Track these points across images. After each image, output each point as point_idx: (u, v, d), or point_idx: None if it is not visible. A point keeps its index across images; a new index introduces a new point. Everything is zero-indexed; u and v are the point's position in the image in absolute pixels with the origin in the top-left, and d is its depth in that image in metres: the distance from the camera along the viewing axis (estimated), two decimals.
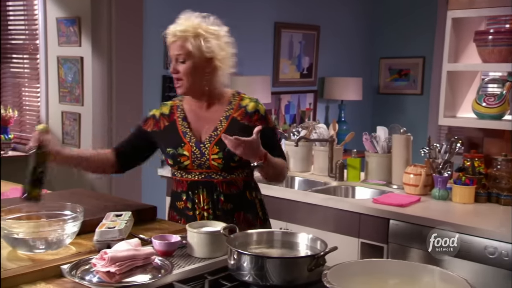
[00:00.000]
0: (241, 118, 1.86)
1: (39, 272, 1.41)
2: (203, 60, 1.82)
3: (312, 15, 4.93)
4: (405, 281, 1.24)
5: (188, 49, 1.80)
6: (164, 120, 1.93)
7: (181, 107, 1.93)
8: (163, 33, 1.90)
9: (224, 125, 1.85)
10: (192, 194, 1.86)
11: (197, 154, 1.84)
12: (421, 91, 5.19)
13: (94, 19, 3.59)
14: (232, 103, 1.89)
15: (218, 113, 1.88)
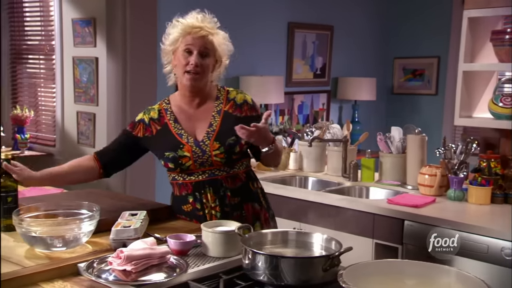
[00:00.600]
0: (232, 111, 1.89)
1: (57, 270, 1.43)
2: (215, 60, 1.87)
3: (326, 15, 4.91)
4: (422, 282, 1.23)
5: (214, 46, 1.84)
6: (155, 125, 1.90)
7: (169, 110, 1.92)
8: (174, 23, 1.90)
9: (218, 120, 1.86)
10: (199, 194, 1.86)
11: (198, 153, 1.83)
12: (435, 91, 5.15)
13: (109, 20, 3.62)
14: (220, 98, 1.91)
15: (209, 109, 1.89)
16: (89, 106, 3.81)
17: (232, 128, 1.76)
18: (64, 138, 4.04)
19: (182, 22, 1.87)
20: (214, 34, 1.85)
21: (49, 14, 4.08)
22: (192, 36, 1.83)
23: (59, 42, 3.95)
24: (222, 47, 1.88)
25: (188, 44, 1.82)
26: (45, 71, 4.21)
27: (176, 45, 1.86)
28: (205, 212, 1.85)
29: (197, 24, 1.84)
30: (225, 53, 1.90)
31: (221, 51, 1.87)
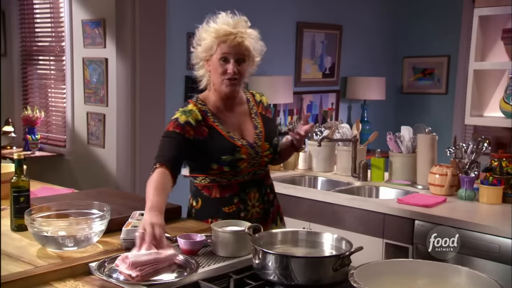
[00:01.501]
0: (265, 113, 1.96)
1: (68, 270, 1.44)
2: (249, 62, 1.86)
3: (334, 15, 4.90)
4: (434, 282, 1.22)
5: (249, 49, 1.83)
6: (203, 127, 1.83)
7: (209, 112, 1.87)
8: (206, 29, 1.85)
9: (260, 122, 1.92)
10: (244, 195, 1.87)
11: (252, 155, 1.85)
12: (445, 91, 5.12)
13: (118, 21, 3.64)
14: (250, 100, 1.95)
15: (245, 111, 1.92)
16: (99, 107, 3.83)
17: (272, 129, 1.92)
18: (74, 139, 4.06)
19: (215, 28, 1.81)
20: (248, 37, 1.83)
21: (59, 16, 4.10)
22: (227, 45, 1.79)
23: (69, 43, 3.97)
24: (256, 48, 1.87)
25: (224, 52, 1.79)
26: (56, 72, 4.24)
27: (210, 52, 1.82)
28: (249, 211, 1.87)
29: (231, 30, 1.80)
30: (258, 53, 1.88)
31: (255, 52, 1.87)
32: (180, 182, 3.80)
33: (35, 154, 4.08)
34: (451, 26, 4.95)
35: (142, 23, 3.61)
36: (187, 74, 3.98)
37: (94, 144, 3.91)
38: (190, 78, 3.98)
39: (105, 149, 3.84)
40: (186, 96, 3.98)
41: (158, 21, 3.72)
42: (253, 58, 1.87)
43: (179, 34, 3.91)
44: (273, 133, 1.94)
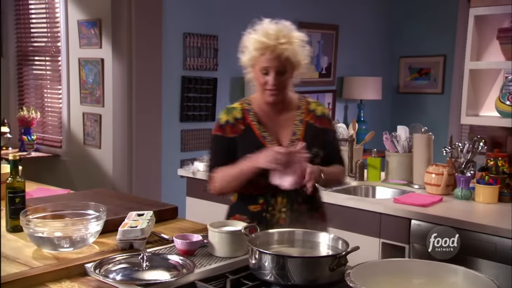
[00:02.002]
0: (313, 121, 1.89)
1: (64, 271, 1.43)
2: (293, 69, 1.82)
3: (331, 15, 4.90)
4: (430, 281, 1.23)
5: (290, 60, 1.77)
6: (240, 125, 1.86)
7: (252, 111, 1.88)
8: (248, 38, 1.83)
9: (301, 129, 1.87)
10: (270, 196, 1.83)
11: None
12: (441, 90, 5.13)
13: (114, 21, 3.63)
14: (301, 108, 1.90)
15: (291, 118, 1.88)
16: (95, 107, 3.82)
17: (315, 138, 1.84)
18: (71, 139, 4.05)
19: (255, 39, 1.80)
20: (289, 46, 1.77)
21: (55, 16, 4.09)
22: (266, 58, 1.77)
23: (65, 43, 3.96)
24: (299, 54, 1.81)
25: (264, 65, 1.78)
26: (51, 72, 4.23)
27: (252, 62, 1.82)
28: (275, 215, 1.83)
29: (270, 43, 1.76)
30: (303, 57, 1.83)
31: (299, 57, 1.81)
32: (177, 183, 3.82)
33: (31, 155, 4.07)
34: (447, 26, 4.96)
35: (138, 23, 3.61)
36: (183, 74, 3.97)
37: (90, 145, 3.90)
38: (187, 78, 3.98)
39: (101, 149, 3.83)
40: (182, 96, 3.98)
41: (154, 21, 3.72)
42: (297, 65, 1.82)
43: (175, 34, 3.91)
44: (314, 144, 1.83)
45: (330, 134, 1.91)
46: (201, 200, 3.13)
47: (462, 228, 2.14)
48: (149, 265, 1.43)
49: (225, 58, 4.20)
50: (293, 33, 1.81)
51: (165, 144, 3.90)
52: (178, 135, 4.01)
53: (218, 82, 4.15)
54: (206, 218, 1.97)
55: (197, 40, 4.02)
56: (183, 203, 3.19)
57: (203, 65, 4.08)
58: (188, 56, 3.98)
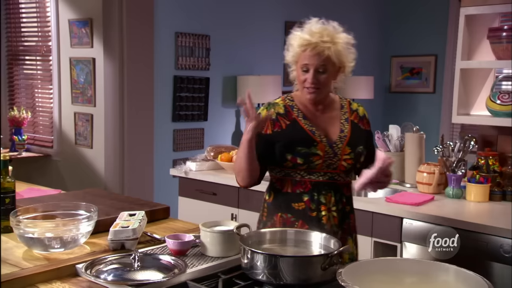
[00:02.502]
0: (357, 121, 1.89)
1: (55, 271, 1.42)
2: (337, 69, 1.80)
3: (323, 14, 4.89)
4: (421, 280, 1.23)
5: (331, 60, 1.75)
6: (283, 119, 1.83)
7: (295, 107, 1.85)
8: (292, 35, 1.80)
9: (348, 127, 1.85)
10: (317, 194, 1.79)
11: (330, 154, 1.78)
12: (433, 90, 5.15)
13: (105, 21, 3.61)
14: (344, 107, 1.90)
15: (336, 116, 1.86)
16: (86, 107, 3.80)
17: (361, 137, 1.84)
18: (62, 139, 4.03)
19: (298, 36, 1.79)
20: (332, 46, 1.75)
21: (46, 15, 4.07)
22: (306, 55, 1.76)
23: (55, 43, 3.94)
24: (343, 55, 1.78)
25: (304, 62, 1.77)
26: (42, 72, 4.20)
27: (295, 59, 1.81)
28: (321, 214, 1.78)
29: (312, 40, 1.75)
30: (347, 59, 1.81)
31: (342, 59, 1.79)
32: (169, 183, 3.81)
33: (22, 155, 4.04)
34: (438, 26, 4.99)
35: (130, 23, 3.59)
36: (175, 74, 3.96)
37: (82, 145, 3.88)
38: (179, 77, 3.97)
39: (93, 149, 3.81)
40: (174, 96, 3.97)
41: (145, 20, 3.70)
42: (340, 66, 1.80)
43: (167, 33, 3.89)
44: (360, 142, 1.84)
45: (370, 136, 1.93)
46: (193, 200, 3.12)
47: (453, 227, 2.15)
48: (141, 265, 1.42)
49: (217, 58, 4.19)
50: (338, 34, 1.78)
51: (157, 143, 3.89)
52: (171, 135, 4.00)
53: (210, 81, 4.15)
54: (199, 218, 1.97)
55: (189, 39, 4.01)
56: (176, 203, 3.19)
57: (195, 65, 4.07)
58: (180, 56, 3.97)
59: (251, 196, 2.87)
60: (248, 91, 1.71)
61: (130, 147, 3.72)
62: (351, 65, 1.83)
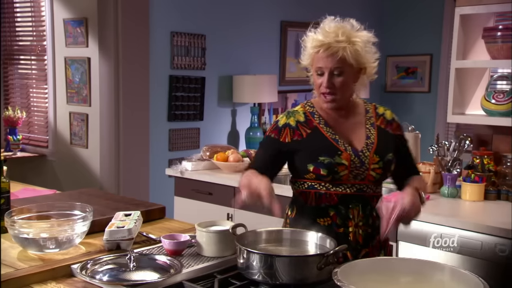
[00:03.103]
0: (384, 126, 1.73)
1: (50, 272, 1.42)
2: (356, 71, 1.65)
3: (318, 14, 4.88)
4: (417, 279, 1.23)
5: (347, 61, 1.61)
6: (304, 128, 1.70)
7: (316, 114, 1.72)
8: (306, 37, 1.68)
9: (374, 133, 1.69)
10: (345, 208, 1.64)
11: (356, 164, 1.63)
12: (428, 89, 5.17)
13: (100, 20, 3.60)
14: (369, 111, 1.75)
15: (360, 122, 1.72)
16: (81, 107, 3.79)
17: (389, 144, 1.68)
18: (57, 139, 4.01)
19: (312, 37, 1.67)
20: (348, 46, 1.61)
21: (40, 14, 4.05)
22: (321, 56, 1.63)
23: (50, 42, 3.92)
24: (361, 56, 1.63)
25: (318, 65, 1.64)
26: (37, 71, 4.18)
27: (310, 62, 1.69)
28: (348, 230, 1.64)
29: (325, 40, 1.62)
30: (368, 59, 1.66)
31: (361, 59, 1.64)
32: (165, 182, 3.80)
33: (16, 155, 4.02)
34: (434, 25, 5.00)
35: (125, 22, 3.58)
36: (171, 74, 3.96)
37: (77, 145, 3.87)
38: (175, 77, 3.96)
39: (88, 149, 3.80)
40: (170, 96, 3.96)
41: (141, 20, 3.69)
42: (362, 64, 1.65)
43: (163, 33, 3.89)
44: (389, 149, 1.68)
45: (402, 140, 1.75)
46: (189, 199, 3.12)
47: (449, 226, 2.16)
48: (136, 265, 1.42)
49: (213, 57, 4.19)
50: (356, 32, 1.64)
51: (153, 143, 3.88)
52: (166, 135, 3.99)
53: (206, 81, 4.14)
54: (195, 218, 1.97)
55: (185, 39, 4.00)
56: (171, 203, 3.18)
57: (191, 64, 4.06)
58: (175, 55, 3.96)
59: None
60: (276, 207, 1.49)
61: (125, 147, 3.71)
62: (374, 66, 1.68)
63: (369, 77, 1.72)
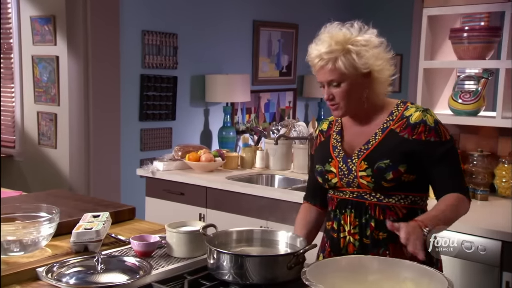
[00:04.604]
0: (400, 130, 1.54)
1: (14, 276, 1.38)
2: (360, 77, 1.54)
3: (290, 14, 4.94)
4: (384, 277, 1.25)
5: (341, 71, 1.52)
6: (321, 136, 1.71)
7: (339, 121, 1.69)
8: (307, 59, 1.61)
9: (379, 138, 1.55)
10: (339, 213, 1.59)
11: (344, 171, 1.57)
12: (399, 89, 5.25)
13: (69, 18, 3.53)
14: (394, 114, 1.58)
15: (376, 125, 1.59)
16: (50, 106, 3.71)
17: (394, 150, 1.50)
18: (25, 139, 3.92)
19: (310, 48, 1.60)
20: (340, 56, 1.52)
21: (7, 12, 3.95)
22: (317, 69, 1.57)
23: (17, 40, 3.83)
24: (358, 62, 1.52)
25: (317, 78, 1.59)
26: (4, 70, 4.08)
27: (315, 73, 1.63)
28: (340, 235, 1.58)
29: (316, 54, 1.56)
30: (371, 63, 1.55)
31: (360, 66, 1.53)
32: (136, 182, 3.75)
33: None
34: (404, 26, 5.08)
35: (94, 20, 3.53)
36: (142, 73, 3.91)
37: (46, 145, 3.78)
38: (146, 76, 3.92)
39: (57, 149, 3.73)
40: (142, 95, 3.92)
41: (111, 18, 3.64)
42: (368, 68, 1.54)
43: (133, 31, 3.84)
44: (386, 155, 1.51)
45: (430, 147, 1.51)
46: (161, 200, 3.09)
47: None
48: (105, 267, 1.40)
49: (185, 56, 4.16)
50: (355, 38, 1.55)
51: (124, 143, 3.83)
52: (138, 134, 3.95)
53: (178, 80, 4.11)
54: (166, 219, 1.95)
55: (156, 38, 3.96)
56: (143, 204, 3.14)
57: (163, 63, 4.03)
58: (147, 54, 3.92)
59: (219, 196, 2.86)
60: None
61: (95, 147, 3.65)
62: (381, 68, 1.57)
63: (386, 75, 1.59)
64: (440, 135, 1.53)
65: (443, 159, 1.51)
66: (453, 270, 2.10)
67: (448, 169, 1.52)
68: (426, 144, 1.51)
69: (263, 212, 2.68)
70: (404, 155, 1.50)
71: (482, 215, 2.28)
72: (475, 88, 2.59)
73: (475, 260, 2.08)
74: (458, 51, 2.61)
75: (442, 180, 1.52)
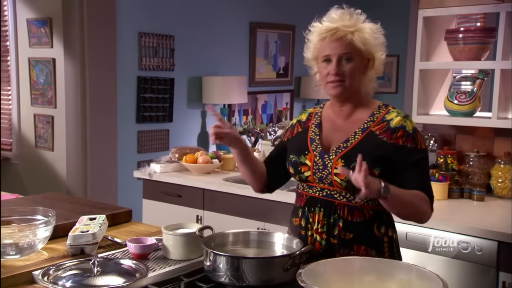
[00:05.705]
0: (380, 133, 1.55)
1: (10, 279, 1.38)
2: (364, 59, 1.57)
3: (287, 15, 4.94)
4: (380, 278, 1.25)
5: (357, 46, 1.53)
6: (299, 127, 1.71)
7: (319, 114, 1.69)
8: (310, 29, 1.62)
9: (358, 138, 1.55)
10: (308, 211, 1.59)
11: (319, 166, 1.56)
12: (395, 90, 5.26)
13: (65, 20, 3.53)
14: (375, 115, 1.59)
15: (356, 123, 1.59)
16: (47, 109, 3.71)
17: (367, 151, 1.49)
18: (22, 142, 3.92)
19: (317, 26, 1.61)
20: (356, 31, 1.55)
21: (3, 14, 3.94)
22: (327, 42, 1.55)
23: (13, 42, 3.83)
24: (370, 43, 1.56)
25: (325, 52, 1.56)
26: None
27: (315, 53, 1.61)
28: (308, 233, 1.58)
29: (331, 26, 1.56)
30: (376, 48, 1.58)
31: (370, 48, 1.56)
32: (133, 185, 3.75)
33: None
34: (400, 27, 5.08)
35: (91, 22, 3.53)
36: (139, 75, 3.91)
37: (43, 147, 3.78)
38: (143, 78, 3.92)
39: (54, 152, 3.72)
40: (138, 97, 3.92)
41: (107, 20, 3.64)
42: (370, 54, 1.57)
43: (130, 34, 3.84)
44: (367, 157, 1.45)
45: (406, 152, 1.52)
46: (158, 202, 3.09)
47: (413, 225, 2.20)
48: (101, 270, 1.39)
49: (182, 58, 4.16)
50: (362, 20, 1.60)
51: (121, 145, 3.83)
52: (135, 136, 3.95)
53: (175, 82, 4.11)
54: (164, 221, 1.95)
55: (153, 40, 3.96)
56: (140, 206, 3.14)
57: (160, 65, 4.03)
58: (143, 56, 3.92)
59: (217, 198, 2.86)
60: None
61: (92, 150, 3.64)
62: (382, 58, 1.60)
63: (377, 72, 1.63)
64: (417, 142, 1.54)
65: (415, 166, 1.53)
66: (450, 271, 2.10)
67: (419, 177, 1.54)
68: (402, 149, 1.52)
69: (260, 214, 2.68)
70: (380, 159, 1.51)
71: (478, 216, 2.28)
72: (471, 89, 2.60)
73: (471, 261, 2.08)
74: (453, 52, 2.62)
75: (411, 185, 1.51)
